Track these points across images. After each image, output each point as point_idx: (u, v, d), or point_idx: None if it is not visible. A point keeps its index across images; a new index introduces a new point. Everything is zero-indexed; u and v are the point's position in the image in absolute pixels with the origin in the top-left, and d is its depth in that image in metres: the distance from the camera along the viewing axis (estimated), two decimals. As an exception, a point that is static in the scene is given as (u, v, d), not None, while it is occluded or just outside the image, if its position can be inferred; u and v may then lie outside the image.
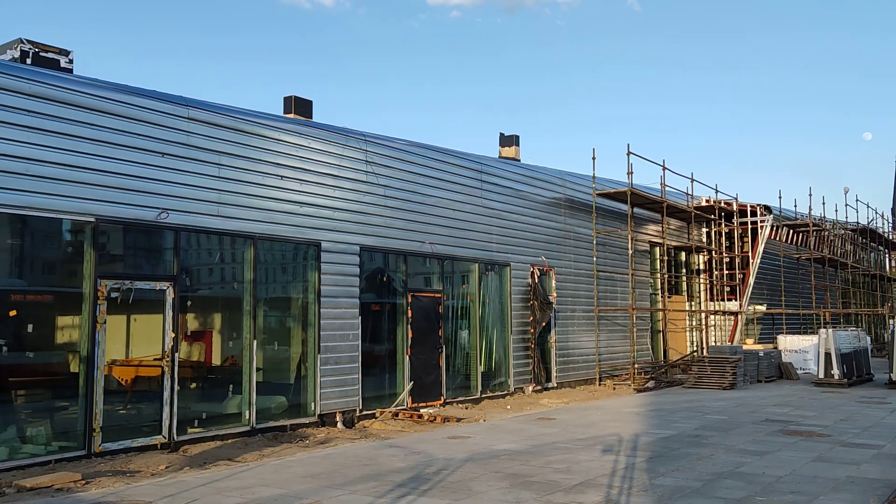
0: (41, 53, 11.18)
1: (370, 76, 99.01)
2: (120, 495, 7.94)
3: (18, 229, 9.99)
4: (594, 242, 21.18)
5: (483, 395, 17.12)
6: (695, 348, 25.99)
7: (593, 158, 22.18)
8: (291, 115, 15.41)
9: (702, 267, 27.67)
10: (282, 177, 13.02)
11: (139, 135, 11.02)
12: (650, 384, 20.27)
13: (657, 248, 24.65)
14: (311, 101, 16.19)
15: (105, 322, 10.35)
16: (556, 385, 19.51)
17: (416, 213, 15.71)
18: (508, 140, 22.09)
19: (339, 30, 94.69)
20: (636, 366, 21.43)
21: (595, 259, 21.16)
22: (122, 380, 11.41)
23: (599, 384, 20.73)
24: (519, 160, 21.45)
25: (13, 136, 9.60)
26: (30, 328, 10.10)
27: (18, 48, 11.11)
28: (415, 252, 15.67)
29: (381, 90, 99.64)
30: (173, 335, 11.17)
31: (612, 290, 22.18)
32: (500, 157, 21.37)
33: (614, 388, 20.05)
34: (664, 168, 22.67)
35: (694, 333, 26.60)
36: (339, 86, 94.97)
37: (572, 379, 20.24)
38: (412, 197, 15.65)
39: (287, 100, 16.00)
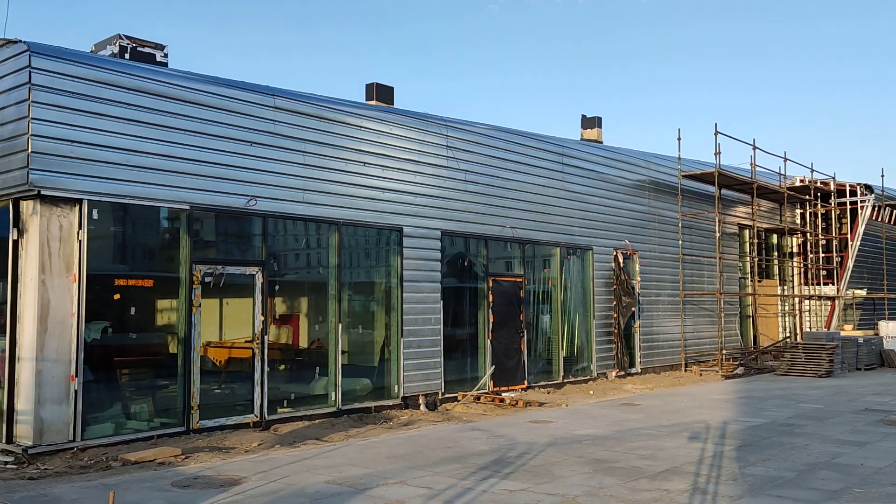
0: (138, 48, 11.70)
1: (449, 60, 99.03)
2: (217, 470, 8.33)
3: (120, 217, 10.56)
4: (679, 225, 20.62)
5: (565, 380, 17.02)
6: (787, 334, 25.00)
7: (678, 139, 21.50)
8: (373, 102, 15.62)
9: (795, 250, 26.53)
10: (364, 163, 13.24)
11: (229, 125, 11.42)
12: (739, 371, 19.66)
13: (746, 231, 23.77)
14: (392, 88, 16.37)
15: (200, 305, 10.84)
16: (639, 371, 19.18)
17: (497, 198, 15.68)
18: (591, 122, 21.72)
19: (418, 16, 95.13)
20: (724, 352, 20.82)
21: (681, 242, 20.61)
22: (217, 360, 11.94)
23: (685, 370, 20.24)
24: (601, 142, 21.07)
25: (115, 128, 10.12)
26: (132, 311, 10.70)
27: (117, 44, 11.67)
28: (496, 236, 15.66)
29: (460, 73, 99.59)
30: (262, 318, 11.58)
31: (699, 273, 21.57)
32: (581, 139, 21.05)
33: (701, 375, 19.54)
34: (754, 147, 21.81)
35: (786, 319, 25.58)
36: (419, 71, 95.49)
37: (657, 364, 19.84)
38: (493, 181, 15.62)
39: (369, 87, 16.22)
